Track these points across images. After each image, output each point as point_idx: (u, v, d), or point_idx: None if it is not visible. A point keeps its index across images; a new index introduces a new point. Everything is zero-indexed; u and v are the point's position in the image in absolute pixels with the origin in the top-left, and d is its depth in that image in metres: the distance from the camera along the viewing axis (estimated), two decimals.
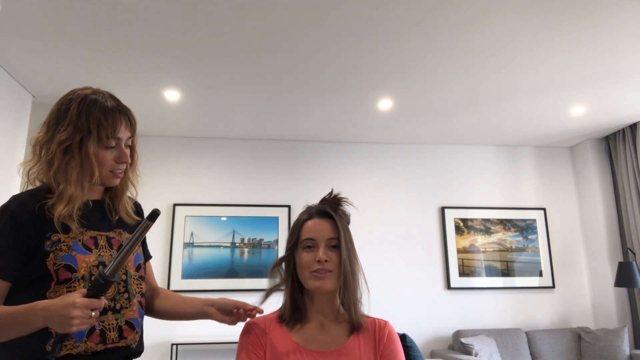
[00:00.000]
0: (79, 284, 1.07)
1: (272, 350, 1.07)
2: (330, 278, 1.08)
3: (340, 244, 1.10)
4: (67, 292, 1.05)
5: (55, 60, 2.90)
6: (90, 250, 1.11)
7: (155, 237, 4.03)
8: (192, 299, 1.27)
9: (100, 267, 1.09)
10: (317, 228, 1.12)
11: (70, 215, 1.09)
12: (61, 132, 1.10)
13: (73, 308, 0.92)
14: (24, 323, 0.96)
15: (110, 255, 1.14)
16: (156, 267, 3.91)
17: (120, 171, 1.18)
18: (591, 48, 2.80)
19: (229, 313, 1.18)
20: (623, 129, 4.22)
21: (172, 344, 3.71)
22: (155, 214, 0.97)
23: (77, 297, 0.94)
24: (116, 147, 1.16)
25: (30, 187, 1.15)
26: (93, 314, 0.94)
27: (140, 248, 1.28)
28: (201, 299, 1.25)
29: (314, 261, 1.09)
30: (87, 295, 0.95)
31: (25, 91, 3.31)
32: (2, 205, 1.09)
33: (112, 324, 1.10)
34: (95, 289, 0.96)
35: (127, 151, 1.19)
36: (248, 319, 1.15)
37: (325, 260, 1.08)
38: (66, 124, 1.11)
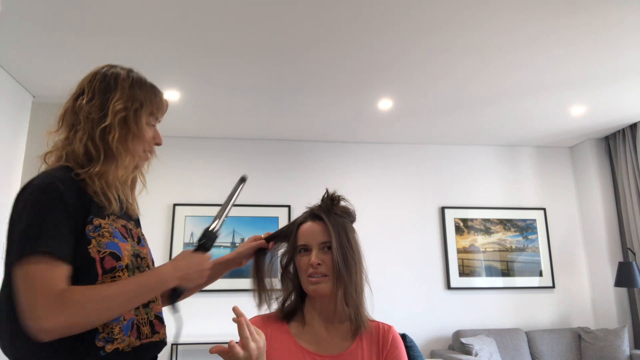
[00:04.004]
0: (124, 274, 1.01)
1: (272, 353, 1.05)
2: (324, 282, 1.06)
3: (332, 246, 1.08)
4: (112, 282, 0.99)
5: (55, 60, 2.90)
6: (126, 238, 1.07)
7: (155, 237, 4.03)
8: None
9: (207, 226, 1.13)
10: (310, 232, 1.11)
11: (119, 187, 1.06)
12: (115, 101, 1.06)
13: (204, 263, 1.06)
14: (157, 289, 1.00)
15: (133, 247, 1.09)
16: None
17: (151, 153, 1.16)
18: (591, 48, 2.80)
19: (248, 257, 1.28)
20: (623, 129, 4.22)
21: (172, 344, 3.70)
22: (244, 178, 1.21)
23: (196, 254, 1.06)
24: (153, 127, 1.15)
25: (42, 165, 1.06)
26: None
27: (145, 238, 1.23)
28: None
29: (308, 265, 1.07)
30: (199, 251, 1.08)
31: (25, 91, 3.31)
32: (39, 183, 0.95)
33: (144, 319, 1.06)
34: (208, 243, 1.10)
35: None
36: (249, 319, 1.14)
37: (318, 264, 1.06)
38: (119, 94, 1.07)
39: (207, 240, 1.10)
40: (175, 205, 4.12)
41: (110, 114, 1.04)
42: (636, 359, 3.72)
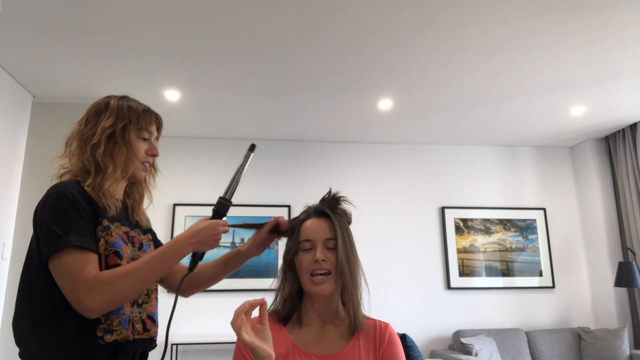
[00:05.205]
0: None
1: None
2: (328, 282, 1.07)
3: (337, 243, 1.08)
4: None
5: (55, 60, 2.90)
6: (126, 243, 1.20)
7: None
8: (218, 260, 1.40)
9: (221, 194, 1.20)
10: (315, 228, 1.11)
11: (112, 195, 1.18)
12: (104, 120, 1.20)
13: (219, 227, 1.12)
14: (175, 256, 1.10)
15: (133, 251, 1.21)
16: None
17: (149, 164, 1.28)
18: (591, 48, 2.80)
19: (264, 243, 1.34)
20: (623, 129, 4.22)
21: (172, 344, 3.71)
22: (253, 146, 1.25)
23: (211, 220, 1.13)
24: (148, 140, 1.27)
25: (55, 181, 1.19)
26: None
27: (152, 243, 1.34)
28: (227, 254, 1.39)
29: (312, 261, 1.07)
30: (214, 218, 1.14)
31: (25, 91, 3.31)
32: (52, 194, 1.10)
33: (137, 317, 1.16)
34: (222, 210, 1.16)
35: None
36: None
37: (323, 260, 1.07)
38: (108, 114, 1.21)
39: (219, 207, 1.17)
40: (175, 205, 4.12)
41: (98, 131, 1.19)
42: (636, 359, 3.72)
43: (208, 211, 4.79)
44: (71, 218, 1.07)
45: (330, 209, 1.14)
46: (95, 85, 3.22)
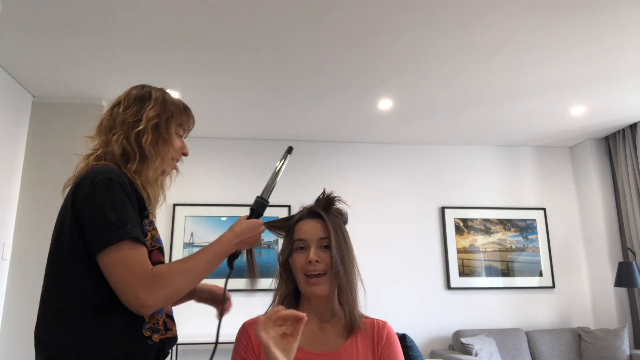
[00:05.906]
0: None
1: None
2: (323, 283, 1.07)
3: (331, 243, 1.08)
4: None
5: (55, 60, 2.90)
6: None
7: None
8: None
9: (259, 194, 1.22)
10: (309, 228, 1.11)
11: (153, 186, 1.16)
12: (149, 109, 1.17)
13: (260, 228, 1.14)
14: (223, 255, 1.11)
15: None
16: None
17: (178, 162, 1.29)
18: (591, 48, 2.80)
19: (210, 300, 1.33)
20: (623, 129, 4.21)
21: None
22: (291, 148, 1.33)
23: (253, 221, 1.14)
24: (181, 138, 1.26)
25: (81, 163, 1.14)
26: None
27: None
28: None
29: (306, 262, 1.07)
30: (252, 217, 1.16)
31: (25, 91, 3.31)
32: (103, 179, 1.02)
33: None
34: (260, 209, 1.18)
35: None
36: (244, 321, 1.14)
37: (317, 261, 1.07)
38: (153, 104, 1.19)
39: (257, 206, 1.19)
40: (175, 205, 4.12)
41: (144, 119, 1.16)
42: (636, 359, 3.72)
43: (208, 211, 4.77)
44: (126, 207, 1.01)
45: (324, 209, 1.14)
46: (95, 85, 3.22)
